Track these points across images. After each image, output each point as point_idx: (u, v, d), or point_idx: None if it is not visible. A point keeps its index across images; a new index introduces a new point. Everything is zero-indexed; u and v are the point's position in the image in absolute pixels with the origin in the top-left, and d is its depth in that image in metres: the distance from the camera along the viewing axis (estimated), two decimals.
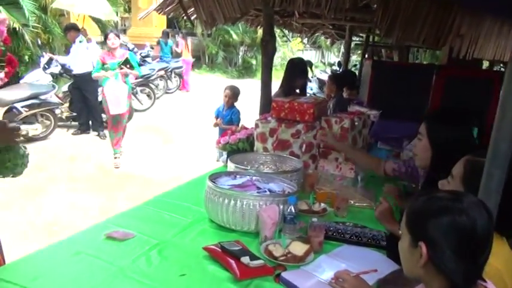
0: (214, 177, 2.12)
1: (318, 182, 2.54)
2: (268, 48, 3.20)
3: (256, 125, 2.75)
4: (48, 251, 1.68)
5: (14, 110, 6.10)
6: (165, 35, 12.33)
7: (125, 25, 17.56)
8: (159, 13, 3.56)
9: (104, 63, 5.53)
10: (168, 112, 9.48)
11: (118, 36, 5.65)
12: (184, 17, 3.50)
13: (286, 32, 8.12)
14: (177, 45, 12.51)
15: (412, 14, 2.78)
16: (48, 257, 1.64)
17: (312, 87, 7.85)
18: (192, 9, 3.45)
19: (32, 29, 8.06)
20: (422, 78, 3.82)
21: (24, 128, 6.31)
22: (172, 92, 11.71)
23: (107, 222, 1.94)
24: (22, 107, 6.17)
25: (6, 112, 6.09)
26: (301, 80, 3.56)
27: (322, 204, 2.23)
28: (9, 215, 4.13)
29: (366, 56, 6.68)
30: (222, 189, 1.90)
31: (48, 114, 6.60)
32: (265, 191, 2.00)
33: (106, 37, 5.65)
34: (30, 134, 6.43)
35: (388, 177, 2.42)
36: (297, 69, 3.53)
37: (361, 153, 2.63)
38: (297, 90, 3.88)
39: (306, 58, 16.24)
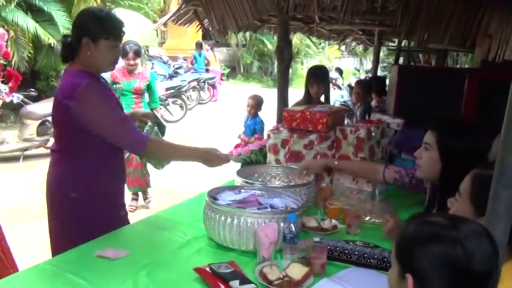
0: (216, 192, 2.01)
1: (333, 196, 2.38)
2: (283, 55, 3.08)
3: (268, 136, 2.63)
4: (37, 270, 1.62)
5: (47, 123, 6.27)
6: (199, 46, 12.48)
7: (164, 38, 17.97)
8: (175, 24, 3.53)
9: (115, 82, 4.38)
10: (199, 123, 9.52)
11: (139, 55, 4.46)
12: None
13: (314, 39, 7.93)
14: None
15: (435, 14, 2.59)
16: (35, 276, 1.57)
17: (343, 95, 7.64)
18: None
19: None
20: (453, 84, 3.56)
21: None
22: (205, 103, 11.81)
23: (102, 239, 1.86)
24: None
25: (39, 125, 6.28)
26: (320, 87, 3.40)
27: (333, 221, 2.07)
28: (36, 226, 4.20)
29: (401, 61, 6.42)
30: (219, 206, 1.79)
31: None
32: (267, 207, 1.87)
33: (125, 53, 4.31)
34: None
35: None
36: (314, 76, 3.38)
37: (352, 161, 2.44)
38: (322, 99, 3.74)
39: (343, 65, 15.93)
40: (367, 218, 2.16)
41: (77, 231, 1.92)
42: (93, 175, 1.94)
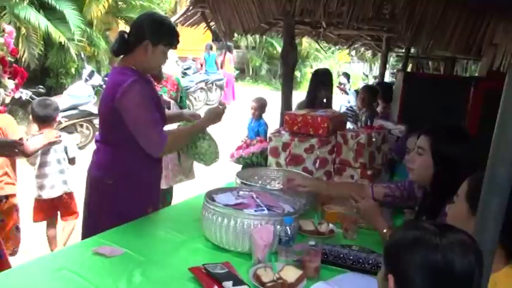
0: (214, 192, 2.02)
1: (332, 200, 2.38)
2: (288, 59, 3.09)
3: (270, 139, 2.64)
4: (34, 265, 1.64)
5: None
6: (208, 47, 12.51)
7: None
8: (182, 25, 3.55)
9: None
10: None
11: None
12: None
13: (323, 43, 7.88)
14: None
15: (440, 22, 2.59)
16: (31, 271, 1.59)
17: (350, 100, 7.63)
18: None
19: (78, 43, 8.40)
20: (459, 92, 3.55)
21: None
22: (213, 104, 11.82)
23: (99, 237, 1.87)
24: (62, 117, 6.38)
25: None
26: (324, 91, 3.41)
27: (331, 225, 2.07)
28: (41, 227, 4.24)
29: (412, 69, 6.39)
30: (216, 206, 1.80)
31: (87, 124, 6.81)
32: (264, 209, 1.87)
33: None
34: None
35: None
36: (320, 80, 3.39)
37: (337, 184, 2.38)
38: (325, 101, 3.75)
39: (352, 71, 15.85)
40: (364, 224, 2.15)
41: (105, 217, 2.07)
42: (128, 166, 2.08)
